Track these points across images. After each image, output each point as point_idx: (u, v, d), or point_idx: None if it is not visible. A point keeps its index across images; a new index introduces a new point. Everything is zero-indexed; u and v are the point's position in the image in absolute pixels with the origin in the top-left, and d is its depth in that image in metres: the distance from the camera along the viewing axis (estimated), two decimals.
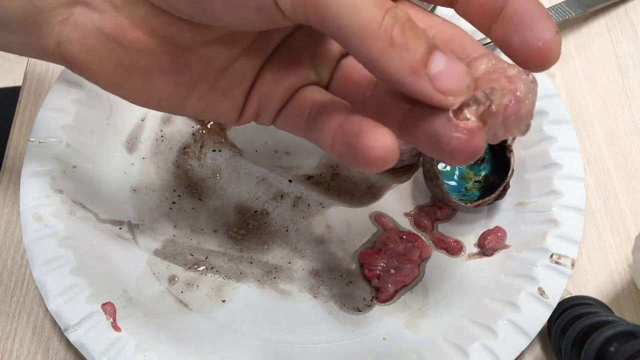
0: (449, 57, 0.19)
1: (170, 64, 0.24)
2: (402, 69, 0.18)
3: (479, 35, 0.23)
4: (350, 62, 0.25)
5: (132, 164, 0.39)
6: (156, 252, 0.37)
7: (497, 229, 0.37)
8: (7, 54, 0.28)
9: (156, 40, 0.23)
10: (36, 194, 0.34)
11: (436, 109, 0.19)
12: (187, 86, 0.25)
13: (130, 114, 0.40)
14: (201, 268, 0.36)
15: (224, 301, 0.36)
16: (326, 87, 0.26)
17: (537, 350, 0.34)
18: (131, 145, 0.39)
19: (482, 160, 0.38)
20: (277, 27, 0.22)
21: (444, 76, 0.19)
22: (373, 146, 0.20)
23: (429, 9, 0.25)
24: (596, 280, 0.37)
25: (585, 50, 0.44)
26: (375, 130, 0.20)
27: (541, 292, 0.33)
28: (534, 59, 0.20)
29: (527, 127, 0.21)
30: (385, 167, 0.20)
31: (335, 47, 0.25)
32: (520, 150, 0.38)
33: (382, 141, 0.20)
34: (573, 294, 0.35)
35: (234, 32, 0.24)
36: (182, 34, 0.23)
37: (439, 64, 0.19)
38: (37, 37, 0.24)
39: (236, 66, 0.25)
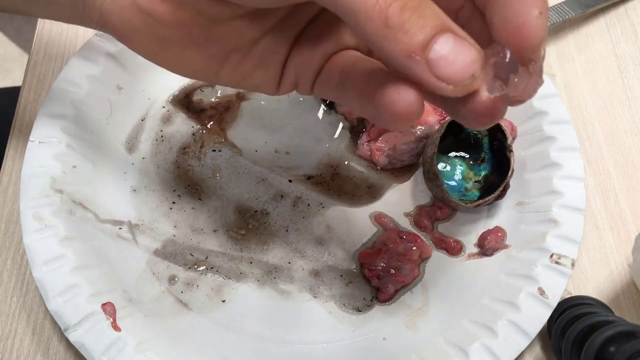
0: (458, 41, 0.17)
1: (200, 36, 0.24)
2: (397, 52, 0.17)
3: None
4: None
5: (132, 164, 0.39)
6: (156, 252, 0.37)
7: (497, 229, 0.37)
8: (7, 54, 0.29)
9: (186, 13, 0.23)
10: (36, 194, 0.34)
11: None
12: (220, 58, 0.25)
13: (130, 114, 0.40)
14: (201, 268, 0.36)
15: (224, 301, 0.36)
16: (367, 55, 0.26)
17: (537, 350, 0.34)
18: (131, 145, 0.39)
19: (482, 160, 0.38)
20: (295, 1, 0.22)
21: (445, 63, 0.17)
22: (396, 100, 0.19)
23: None
24: (596, 280, 0.37)
25: (585, 50, 0.44)
26: (399, 85, 0.19)
27: (541, 292, 0.33)
28: (513, 41, 0.18)
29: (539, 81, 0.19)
30: (410, 122, 0.19)
31: None
32: (520, 150, 0.38)
33: (404, 95, 0.19)
34: (573, 294, 0.35)
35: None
36: (212, 6, 0.23)
37: (442, 48, 0.17)
38: (82, 11, 0.26)
39: (269, 38, 0.25)
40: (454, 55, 0.17)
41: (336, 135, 0.40)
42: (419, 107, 0.19)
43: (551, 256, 0.34)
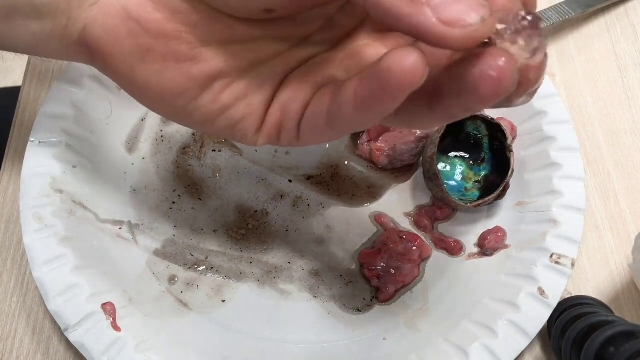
0: None
1: (186, 54, 0.23)
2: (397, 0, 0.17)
3: None
4: None
5: (132, 164, 0.39)
6: (156, 252, 0.37)
7: (497, 229, 0.37)
8: (7, 54, 0.28)
9: (176, 26, 0.23)
10: (36, 194, 0.34)
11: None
12: (201, 82, 0.24)
13: (130, 114, 0.40)
14: (201, 268, 0.36)
15: (224, 301, 0.36)
16: None
17: (537, 350, 0.34)
18: (131, 145, 0.39)
19: (482, 160, 0.38)
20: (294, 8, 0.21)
21: (451, 4, 0.16)
22: (399, 58, 0.17)
23: None
24: (596, 280, 0.37)
25: (585, 50, 0.44)
26: (397, 49, 0.18)
27: (541, 292, 0.33)
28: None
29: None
30: (417, 83, 0.18)
31: (368, 56, 0.24)
32: (520, 150, 0.38)
33: (407, 52, 0.17)
34: (573, 294, 0.35)
35: (261, 36, 0.23)
36: (205, 25, 0.23)
37: None
38: (65, 25, 0.25)
39: (258, 71, 0.24)
40: None
41: None
42: (425, 66, 0.17)
43: (551, 256, 0.34)
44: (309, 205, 0.38)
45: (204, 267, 0.36)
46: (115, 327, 0.32)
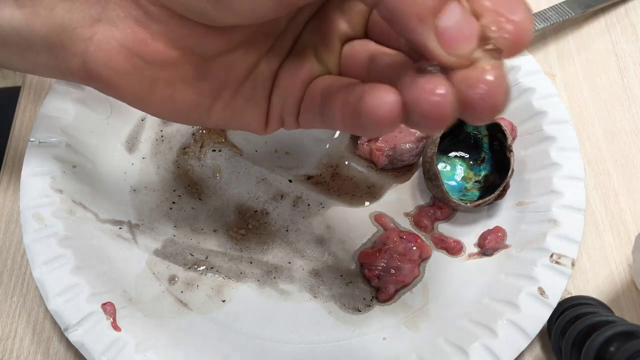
0: (465, 13, 0.18)
1: (192, 74, 0.24)
2: (410, 14, 0.18)
3: None
4: (350, 46, 0.25)
5: (132, 164, 0.39)
6: (156, 252, 0.37)
7: (497, 229, 0.37)
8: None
9: (177, 52, 0.23)
10: (36, 194, 0.34)
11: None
12: (211, 95, 0.25)
13: (130, 114, 0.40)
14: (201, 268, 0.36)
15: (224, 301, 0.36)
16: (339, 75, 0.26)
17: (537, 350, 0.34)
18: (131, 145, 0.39)
19: (482, 160, 0.38)
20: (292, 9, 0.22)
21: (452, 33, 0.18)
22: (376, 105, 0.19)
23: None
24: (596, 280, 0.37)
25: (585, 50, 0.44)
26: (376, 89, 0.19)
27: (541, 292, 0.33)
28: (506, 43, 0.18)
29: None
30: (393, 126, 0.19)
31: (336, 38, 0.25)
32: (520, 150, 0.38)
33: (383, 98, 0.19)
34: (573, 294, 0.35)
35: (251, 36, 0.24)
36: (203, 43, 0.23)
37: (451, 17, 0.18)
38: (62, 57, 0.24)
39: (257, 72, 0.25)
40: (461, 26, 0.18)
41: (336, 135, 0.40)
42: (400, 108, 0.19)
43: (551, 256, 0.34)
44: (309, 205, 0.38)
45: (204, 267, 0.36)
46: (115, 327, 0.32)
